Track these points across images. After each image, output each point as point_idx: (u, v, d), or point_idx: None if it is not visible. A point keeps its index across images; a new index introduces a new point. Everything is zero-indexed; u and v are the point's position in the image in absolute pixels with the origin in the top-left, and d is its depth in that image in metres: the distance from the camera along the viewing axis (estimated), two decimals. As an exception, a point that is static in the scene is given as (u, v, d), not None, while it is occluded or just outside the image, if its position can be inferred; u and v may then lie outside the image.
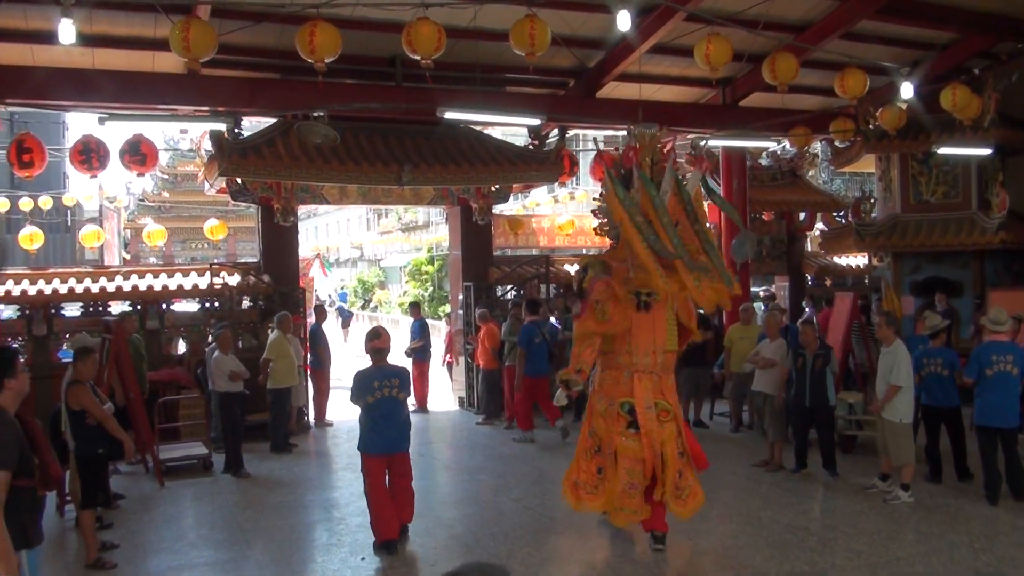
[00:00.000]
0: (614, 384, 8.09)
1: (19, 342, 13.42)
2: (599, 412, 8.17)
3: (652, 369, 8.02)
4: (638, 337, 7.98)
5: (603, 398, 8.17)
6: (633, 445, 7.87)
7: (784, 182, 18.99)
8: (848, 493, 9.98)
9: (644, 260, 7.63)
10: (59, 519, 9.75)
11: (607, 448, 8.03)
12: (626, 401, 7.94)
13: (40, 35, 11.24)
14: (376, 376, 8.31)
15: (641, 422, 7.83)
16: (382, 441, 8.30)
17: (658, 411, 7.92)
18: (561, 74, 14.99)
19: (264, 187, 14.28)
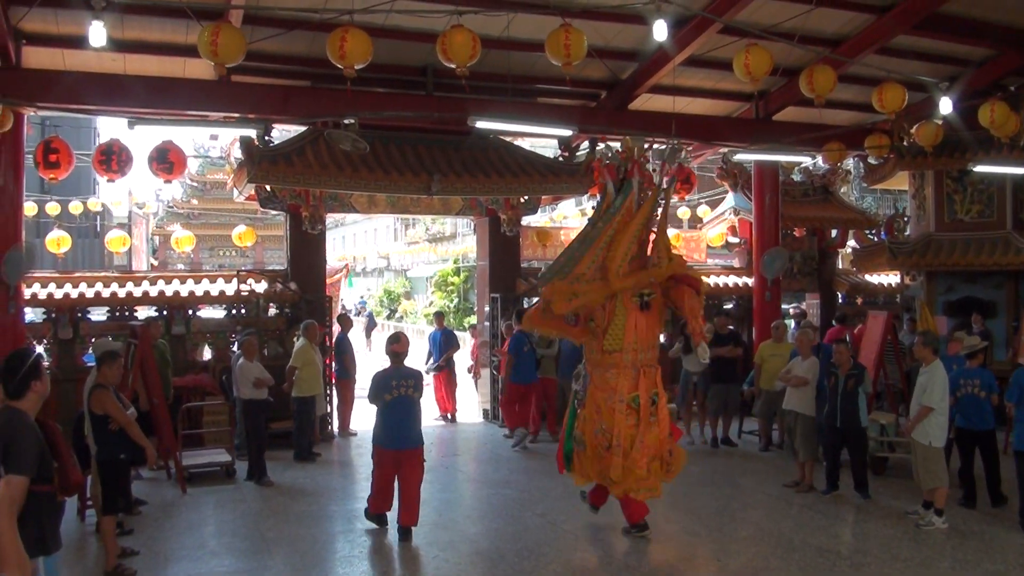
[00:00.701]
0: (622, 380, 8.59)
1: (45, 345, 13.46)
2: (608, 409, 8.60)
3: (652, 363, 8.76)
4: (643, 335, 8.64)
5: (611, 395, 8.60)
6: (656, 433, 8.64)
7: (816, 198, 18.79)
8: (880, 517, 9.75)
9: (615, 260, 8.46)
10: (80, 524, 9.69)
11: (622, 439, 8.50)
12: (636, 394, 8.56)
13: (71, 39, 11.27)
14: (394, 376, 9.05)
15: (643, 411, 8.53)
16: (396, 437, 8.98)
17: (655, 401, 8.67)
18: (593, 85, 14.88)
19: (293, 195, 14.25)
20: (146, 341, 11.02)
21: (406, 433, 9.00)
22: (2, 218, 12.16)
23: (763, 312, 16.22)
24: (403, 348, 9.19)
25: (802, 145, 15.15)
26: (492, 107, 13.12)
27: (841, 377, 10.38)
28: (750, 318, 17.09)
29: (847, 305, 19.05)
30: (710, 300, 17.51)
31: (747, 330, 17.11)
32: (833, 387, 10.45)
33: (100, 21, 8.26)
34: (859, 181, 28.09)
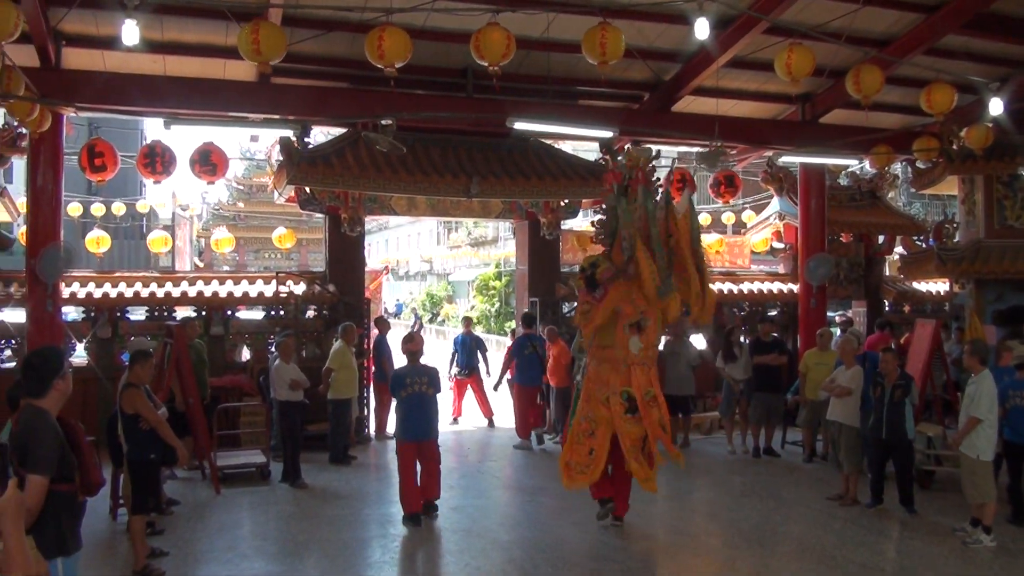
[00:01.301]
0: (614, 374, 9.01)
1: (83, 344, 13.54)
2: (599, 400, 9.06)
3: (645, 361, 9.02)
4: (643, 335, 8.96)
5: (603, 387, 9.07)
6: (634, 429, 8.87)
7: (863, 203, 18.39)
8: (926, 533, 9.44)
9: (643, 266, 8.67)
10: (111, 522, 9.67)
11: (604, 431, 9.00)
12: (625, 390, 8.89)
13: (111, 40, 11.28)
14: (409, 374, 9.72)
15: (640, 407, 8.81)
16: (413, 429, 9.65)
17: (648, 398, 8.89)
18: (635, 87, 14.70)
19: (332, 196, 14.21)
20: (182, 341, 11.02)
21: (423, 426, 9.69)
22: (42, 217, 12.23)
23: (808, 319, 15.93)
24: (417, 347, 9.94)
25: (849, 148, 14.80)
26: (533, 109, 12.99)
27: (887, 387, 10.07)
28: (795, 325, 16.78)
29: (894, 313, 18.63)
30: (754, 307, 17.25)
31: (792, 338, 16.79)
32: (879, 397, 10.14)
33: (133, 20, 8.22)
34: (907, 186, 27.61)
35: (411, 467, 9.67)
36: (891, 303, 18.79)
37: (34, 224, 12.30)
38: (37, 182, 12.19)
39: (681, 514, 10.57)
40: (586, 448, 9.13)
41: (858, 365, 11.05)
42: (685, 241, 9.03)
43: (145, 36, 10.40)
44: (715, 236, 18.90)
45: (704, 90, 14.08)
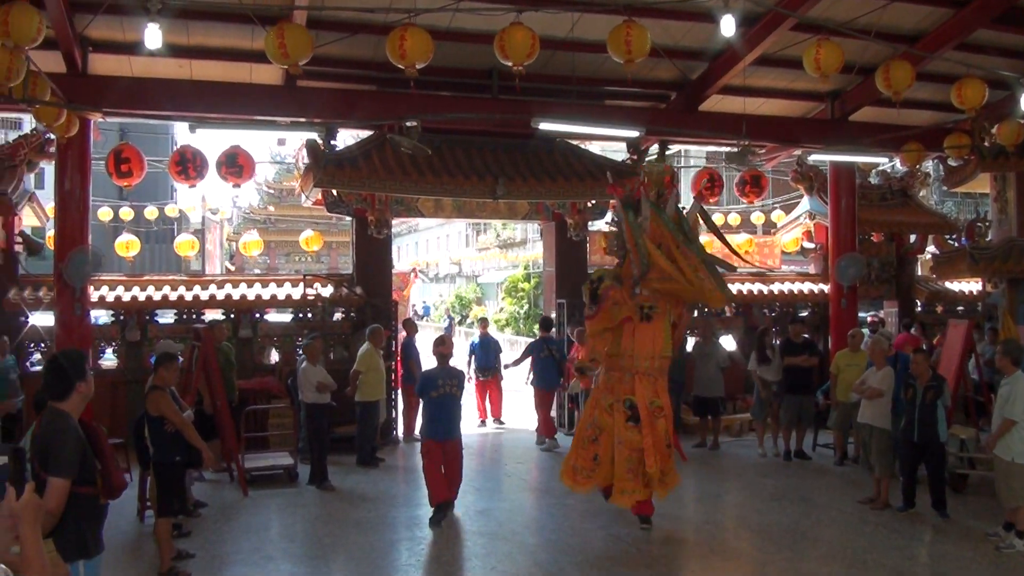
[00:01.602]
0: (619, 383, 9.34)
1: (112, 347, 13.64)
2: (604, 407, 9.36)
3: (651, 371, 9.33)
4: (641, 344, 9.30)
5: (608, 395, 9.39)
6: (634, 437, 9.12)
7: (894, 202, 18.17)
8: (958, 537, 9.26)
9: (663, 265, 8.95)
10: (138, 524, 9.71)
11: (607, 438, 9.26)
12: (629, 398, 9.20)
13: (137, 46, 11.33)
14: (440, 375, 9.99)
15: (642, 416, 9.09)
16: (440, 429, 9.92)
17: (654, 408, 9.19)
18: (662, 86, 14.61)
19: (359, 199, 14.21)
20: (209, 344, 11.05)
21: (450, 426, 10.01)
22: (70, 222, 12.31)
23: (839, 320, 15.74)
24: (448, 350, 10.27)
25: (879, 146, 14.64)
26: (558, 109, 12.93)
27: (919, 389, 9.91)
28: (826, 326, 16.59)
29: (926, 313, 18.40)
30: (784, 308, 17.09)
31: (823, 339, 16.61)
32: (911, 399, 9.97)
33: (156, 24, 8.23)
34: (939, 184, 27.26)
35: (437, 463, 9.98)
36: (923, 303, 18.56)
37: (62, 229, 12.39)
38: (65, 187, 12.27)
39: (711, 517, 10.46)
40: (590, 453, 9.42)
41: (889, 366, 10.88)
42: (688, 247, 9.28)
43: (171, 41, 10.49)
44: (744, 236, 18.67)
45: (731, 88, 13.96)
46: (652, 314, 9.28)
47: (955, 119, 14.35)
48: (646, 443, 9.05)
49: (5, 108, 13.48)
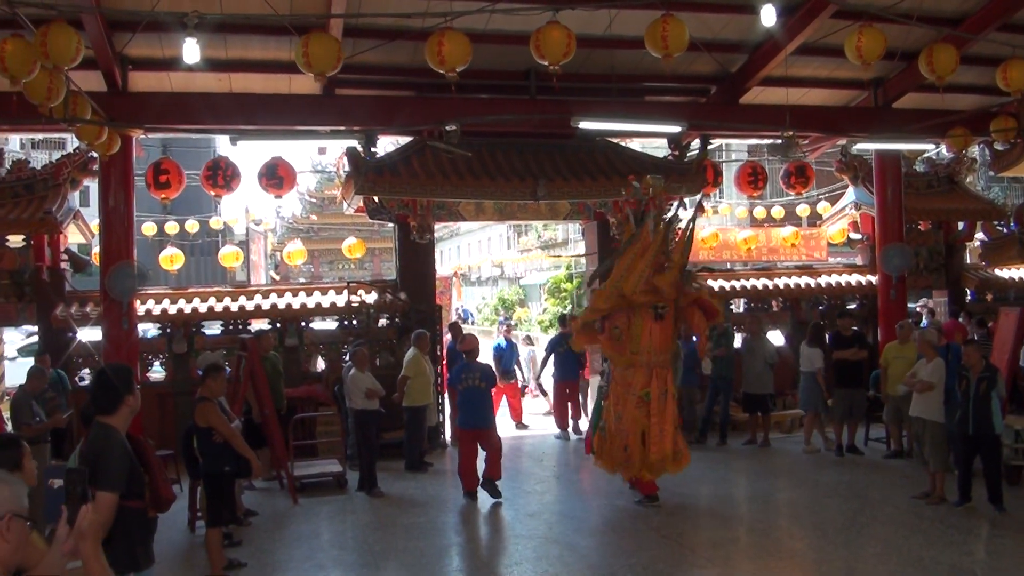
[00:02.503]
0: (639, 378, 10.16)
1: (160, 359, 13.77)
2: (626, 400, 10.22)
3: (664, 364, 10.24)
4: (657, 341, 10.16)
5: (626, 389, 10.24)
6: (645, 421, 10.04)
7: (941, 189, 17.86)
8: (1016, 531, 9.06)
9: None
10: (189, 534, 9.76)
11: (631, 428, 10.10)
12: (647, 391, 10.08)
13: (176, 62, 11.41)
14: (465, 370, 11.12)
15: (655, 406, 10.04)
16: (468, 419, 10.99)
17: (666, 396, 10.12)
18: (702, 80, 14.46)
19: (400, 205, 14.19)
20: (256, 354, 11.10)
21: (477, 416, 10.96)
22: (115, 238, 12.46)
23: (888, 311, 15.48)
24: (470, 347, 11.50)
25: (924, 133, 14.37)
26: (597, 107, 12.86)
27: (972, 380, 9.69)
28: (875, 318, 16.32)
29: (976, 302, 18.05)
30: (832, 300, 16.86)
31: (872, 331, 16.36)
32: (964, 391, 9.74)
33: (193, 39, 8.25)
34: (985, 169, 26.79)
35: (467, 451, 10.96)
36: (973, 292, 18.21)
37: (107, 244, 12.54)
38: (109, 203, 12.41)
39: (764, 516, 10.31)
40: (620, 445, 10.26)
41: (939, 358, 10.63)
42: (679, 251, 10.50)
43: (209, 55, 10.56)
44: (790, 229, 18.42)
45: (772, 80, 13.79)
46: (664, 313, 10.18)
47: (1000, 102, 14.08)
48: (654, 430, 10.02)
49: (47, 128, 13.63)
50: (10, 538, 2.80)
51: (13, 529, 2.81)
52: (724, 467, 12.61)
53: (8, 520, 2.80)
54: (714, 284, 16.29)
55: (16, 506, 2.85)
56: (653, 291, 10.09)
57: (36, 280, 13.40)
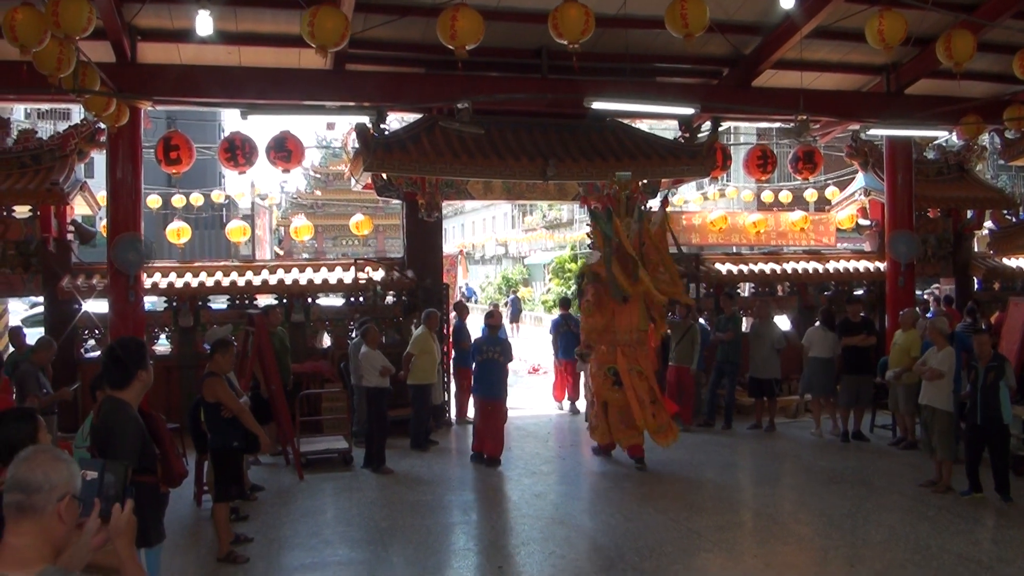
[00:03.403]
0: (606, 355, 11.48)
1: (166, 333, 13.75)
2: (595, 375, 11.67)
3: (631, 343, 11.44)
4: (621, 322, 11.44)
5: (597, 365, 11.61)
6: (619, 397, 11.35)
7: (951, 177, 17.77)
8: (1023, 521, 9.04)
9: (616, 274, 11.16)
10: (196, 509, 9.77)
11: (603, 401, 11.52)
12: (612, 367, 11.36)
13: (185, 33, 11.36)
14: (485, 342, 12.16)
15: (624, 381, 11.24)
16: (484, 388, 12.00)
17: (635, 372, 11.27)
18: (715, 62, 14.37)
19: (409, 182, 14.15)
20: (263, 329, 11.06)
21: (491, 387, 11.93)
22: (121, 210, 12.43)
23: (896, 299, 15.43)
24: (496, 321, 12.39)
25: (937, 119, 14.27)
26: (609, 87, 12.72)
27: (981, 370, 9.65)
28: (883, 305, 16.27)
29: (984, 290, 17.99)
30: (839, 286, 16.81)
31: (879, 318, 16.32)
32: (973, 381, 9.70)
33: (207, 11, 8.18)
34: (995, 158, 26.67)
35: (482, 418, 11.93)
36: (980, 280, 18.16)
37: (114, 217, 12.50)
38: (116, 176, 12.36)
39: (770, 501, 10.29)
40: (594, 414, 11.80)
41: (949, 347, 10.58)
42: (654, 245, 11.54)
43: (219, 28, 10.49)
44: (799, 213, 18.30)
45: (786, 63, 13.71)
46: (628, 297, 11.31)
47: (1014, 90, 13.95)
48: (631, 401, 11.17)
49: (56, 99, 13.56)
50: (67, 519, 2.77)
51: (69, 510, 2.78)
52: (730, 451, 12.61)
53: (67, 501, 2.76)
54: (721, 268, 16.26)
55: (73, 487, 2.81)
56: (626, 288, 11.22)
57: (42, 251, 13.37)
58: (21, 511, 2.70)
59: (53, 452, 2.86)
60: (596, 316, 11.61)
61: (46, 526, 2.72)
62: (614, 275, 11.14)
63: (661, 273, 11.49)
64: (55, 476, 2.74)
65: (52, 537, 2.75)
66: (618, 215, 11.37)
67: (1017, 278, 18.27)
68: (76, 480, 2.83)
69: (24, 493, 2.70)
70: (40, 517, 2.71)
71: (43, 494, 2.71)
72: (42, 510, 2.71)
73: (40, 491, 2.71)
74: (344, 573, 7.83)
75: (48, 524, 2.72)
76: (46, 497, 2.71)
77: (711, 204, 27.29)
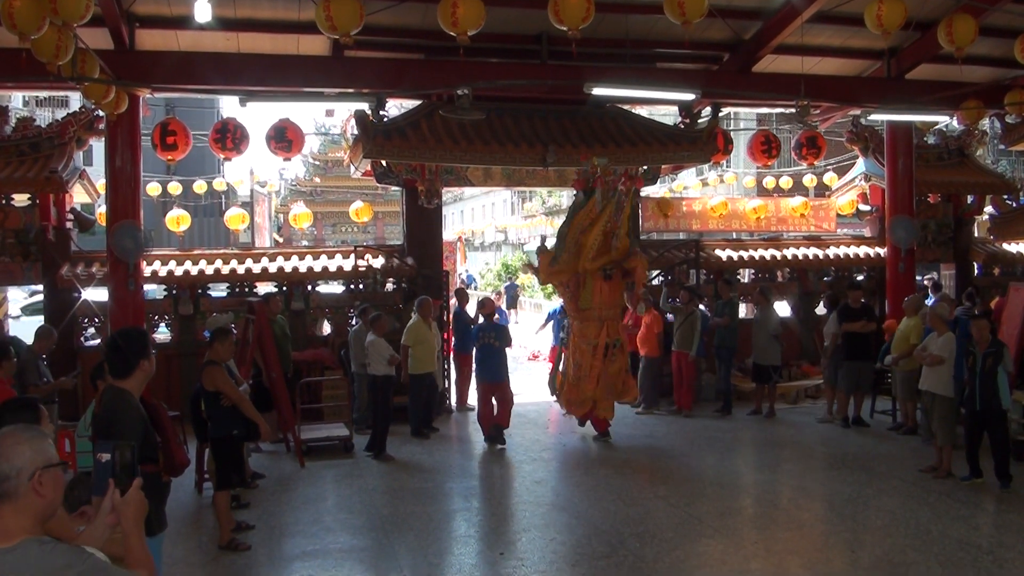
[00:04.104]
0: (591, 329, 12.09)
1: (166, 321, 13.76)
2: (583, 349, 12.11)
3: (613, 318, 12.29)
4: (606, 297, 12.06)
5: (583, 339, 12.12)
6: (600, 367, 12.03)
7: (951, 162, 17.73)
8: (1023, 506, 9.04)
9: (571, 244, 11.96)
10: (197, 497, 9.79)
11: (586, 372, 12.04)
12: (596, 341, 12.03)
13: (183, 20, 11.33)
14: (481, 329, 12.62)
15: (607, 353, 12.04)
16: (485, 373, 12.38)
17: (615, 345, 12.13)
18: (715, 48, 14.31)
19: (408, 169, 14.12)
20: (264, 317, 11.06)
21: (492, 371, 12.30)
22: (121, 198, 12.42)
23: (897, 284, 15.42)
24: (487, 310, 12.92)
25: (937, 104, 14.23)
26: (609, 73, 12.69)
27: (979, 355, 9.64)
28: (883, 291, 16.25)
29: (984, 276, 17.96)
30: (840, 272, 16.80)
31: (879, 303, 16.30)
32: (972, 366, 9.69)
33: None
34: (995, 143, 26.64)
35: (485, 402, 12.32)
36: (981, 266, 18.14)
37: (113, 205, 12.49)
38: (115, 163, 12.34)
39: (771, 487, 10.32)
40: (578, 389, 12.20)
41: (950, 332, 10.57)
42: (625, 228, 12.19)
43: (218, 14, 10.47)
44: (800, 199, 18.24)
45: (786, 48, 13.67)
46: (612, 274, 11.98)
47: (1015, 74, 13.91)
48: (612, 370, 12.11)
49: (54, 86, 13.52)
50: (44, 491, 2.84)
51: (46, 482, 2.84)
52: (730, 437, 12.60)
53: (39, 475, 2.82)
54: (721, 254, 16.25)
55: (43, 459, 2.87)
56: (604, 255, 11.89)
57: (41, 239, 13.34)
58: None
59: (13, 436, 2.91)
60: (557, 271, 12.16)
61: (25, 504, 2.81)
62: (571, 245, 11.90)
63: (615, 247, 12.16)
64: (18, 461, 2.81)
65: (34, 511, 2.84)
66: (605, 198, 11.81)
67: (1017, 263, 18.24)
68: (44, 453, 2.88)
69: None
70: (17, 499, 2.79)
71: (12, 481, 2.79)
72: (16, 493, 2.79)
73: (8, 479, 2.79)
74: (345, 560, 7.84)
75: (27, 502, 2.81)
76: (16, 482, 2.79)
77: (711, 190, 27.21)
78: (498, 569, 7.50)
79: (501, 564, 7.62)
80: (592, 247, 11.78)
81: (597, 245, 11.82)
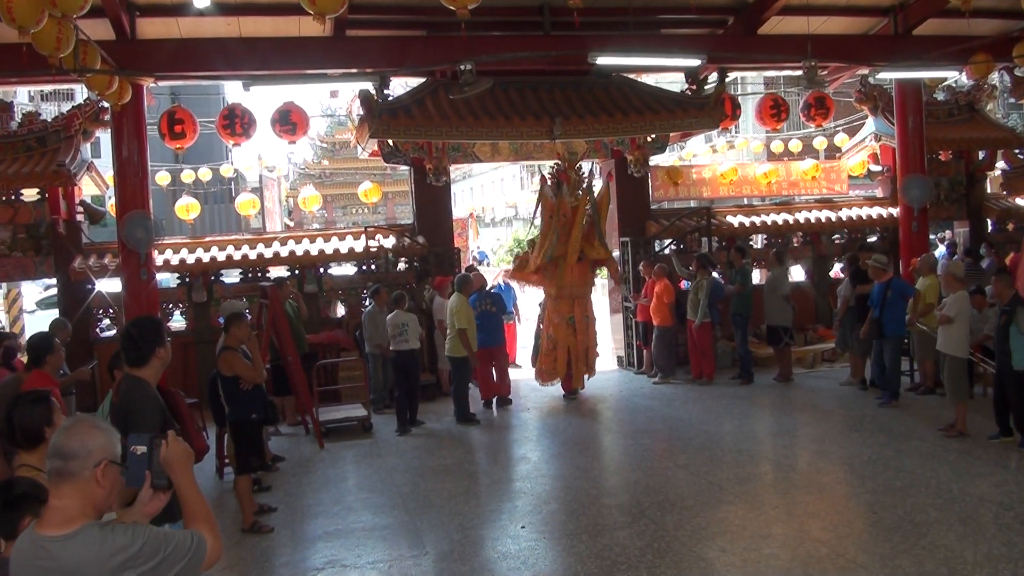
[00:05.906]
0: (564, 306, 13.15)
1: (180, 309, 13.80)
2: (556, 323, 13.13)
3: (584, 296, 13.38)
4: (578, 277, 13.19)
5: (557, 315, 13.15)
6: (572, 340, 13.13)
7: (961, 118, 17.56)
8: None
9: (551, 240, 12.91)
10: (218, 481, 9.85)
11: (561, 344, 13.12)
12: (571, 316, 13.16)
13: (183, 7, 11.28)
14: (479, 297, 12.81)
15: (579, 327, 13.18)
16: (484, 338, 12.57)
17: (588, 320, 13.32)
18: (719, 11, 14.22)
19: (415, 147, 14.10)
20: (277, 301, 11.07)
21: (489, 336, 12.78)
22: (129, 188, 12.44)
23: (910, 244, 15.31)
24: (480, 282, 13.29)
25: (946, 60, 14.07)
26: (613, 42, 12.59)
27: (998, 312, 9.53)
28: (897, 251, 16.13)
29: (998, 231, 17.83)
30: (853, 234, 16.70)
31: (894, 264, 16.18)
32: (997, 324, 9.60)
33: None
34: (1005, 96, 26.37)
35: (484, 366, 12.78)
36: (995, 222, 18.01)
37: (122, 195, 12.50)
38: (122, 154, 12.34)
39: (790, 451, 10.29)
40: (551, 358, 13.23)
41: (963, 291, 10.46)
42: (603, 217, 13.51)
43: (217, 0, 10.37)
44: (810, 162, 18.10)
45: (791, 8, 13.54)
46: (583, 257, 13.08)
47: (1022, 26, 13.74)
48: (579, 347, 13.15)
49: (58, 79, 13.51)
50: (104, 483, 2.98)
51: (108, 475, 2.98)
52: (748, 403, 12.57)
53: (104, 466, 2.96)
54: (733, 220, 16.17)
55: (110, 453, 3.01)
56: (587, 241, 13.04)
57: (53, 233, 13.38)
58: (61, 476, 2.93)
59: (91, 421, 3.09)
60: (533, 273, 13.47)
61: (85, 489, 2.94)
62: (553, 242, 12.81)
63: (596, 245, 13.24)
64: (91, 443, 2.96)
65: (92, 499, 2.97)
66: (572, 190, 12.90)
67: (1030, 219, 18.11)
68: (113, 447, 3.04)
69: (63, 459, 2.93)
70: (78, 481, 2.93)
71: (79, 460, 2.92)
72: (79, 475, 2.93)
73: (76, 457, 2.92)
74: (368, 539, 7.86)
75: (87, 487, 2.94)
76: (82, 463, 2.93)
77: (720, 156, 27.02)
78: (520, 542, 7.51)
79: (523, 537, 7.63)
80: (576, 247, 12.92)
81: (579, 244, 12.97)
